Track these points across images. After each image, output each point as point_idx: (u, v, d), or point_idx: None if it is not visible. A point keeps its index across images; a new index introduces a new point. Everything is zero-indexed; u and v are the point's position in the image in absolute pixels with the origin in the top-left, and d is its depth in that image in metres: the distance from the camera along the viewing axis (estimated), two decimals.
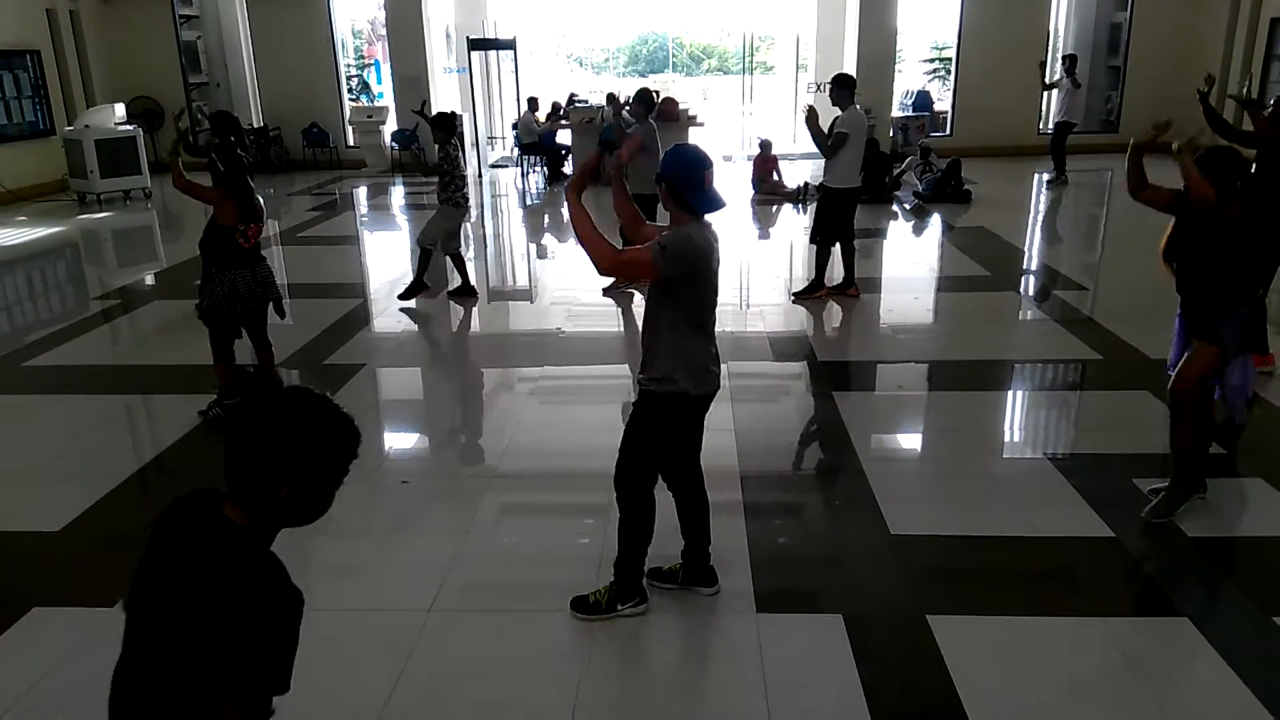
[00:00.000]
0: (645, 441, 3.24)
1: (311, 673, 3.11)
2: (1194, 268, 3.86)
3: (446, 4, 17.41)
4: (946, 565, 3.78)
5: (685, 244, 3.00)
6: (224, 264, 5.21)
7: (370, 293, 8.53)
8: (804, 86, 19.69)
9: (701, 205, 3.07)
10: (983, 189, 12.41)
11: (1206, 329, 3.82)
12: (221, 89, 17.75)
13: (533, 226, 12.64)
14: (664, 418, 3.22)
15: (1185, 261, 3.90)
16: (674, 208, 3.08)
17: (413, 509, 4.33)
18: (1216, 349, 3.80)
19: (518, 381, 6.13)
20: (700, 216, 3.09)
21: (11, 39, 13.56)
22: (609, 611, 3.34)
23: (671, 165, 3.07)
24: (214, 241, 5.21)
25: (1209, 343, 3.80)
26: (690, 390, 3.15)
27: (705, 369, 3.18)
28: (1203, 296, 3.85)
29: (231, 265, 5.20)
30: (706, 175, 3.06)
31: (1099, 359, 6.09)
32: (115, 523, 4.25)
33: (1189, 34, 15.09)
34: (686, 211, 3.07)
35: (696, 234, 3.05)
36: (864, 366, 6.33)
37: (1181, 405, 3.89)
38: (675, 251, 2.97)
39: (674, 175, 3.05)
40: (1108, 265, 9.27)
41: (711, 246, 3.10)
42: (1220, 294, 3.80)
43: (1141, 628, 3.37)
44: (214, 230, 5.19)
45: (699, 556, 3.46)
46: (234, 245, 5.18)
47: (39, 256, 10.49)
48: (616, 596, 3.35)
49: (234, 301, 5.21)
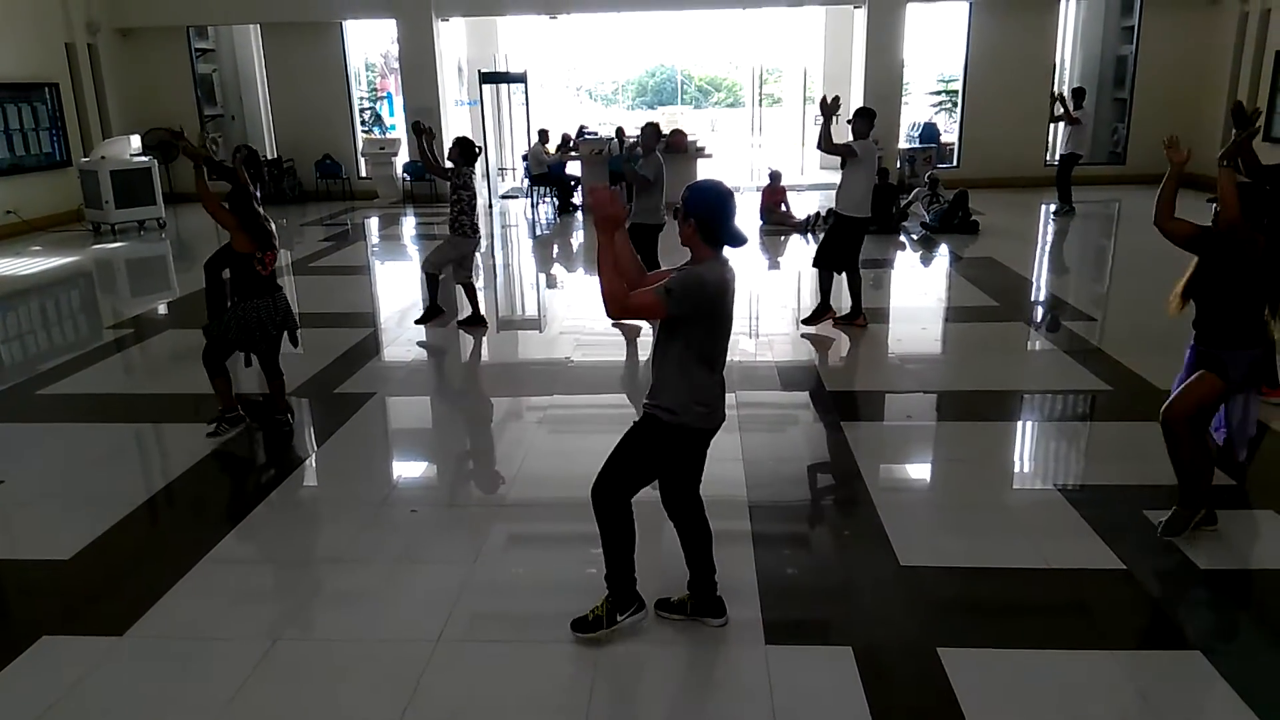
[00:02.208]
0: (636, 460, 3.26)
1: (319, 702, 3.12)
2: (1211, 302, 3.86)
3: (459, 38, 17.66)
4: (957, 597, 3.75)
5: (694, 284, 3.01)
6: (246, 293, 5.30)
7: (381, 322, 8.59)
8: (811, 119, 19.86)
9: (729, 240, 3.08)
10: (990, 220, 12.44)
11: (1214, 362, 3.83)
12: (236, 121, 18.02)
13: (542, 257, 12.72)
14: (663, 444, 3.23)
15: (1203, 296, 3.90)
16: (698, 243, 3.08)
17: (421, 538, 4.33)
18: (1219, 383, 3.80)
19: (527, 410, 6.14)
20: (721, 251, 3.10)
21: (31, 72, 13.81)
22: (610, 625, 3.34)
23: (701, 201, 3.05)
24: (234, 270, 5.31)
25: (1214, 375, 3.81)
26: (692, 424, 3.17)
27: (710, 404, 3.19)
28: (1216, 331, 3.85)
29: (253, 294, 5.31)
30: (732, 210, 3.09)
31: (1108, 390, 6.08)
32: (125, 551, 4.27)
33: (1195, 67, 15.18)
34: (713, 247, 3.08)
35: (710, 272, 3.06)
36: (873, 396, 6.32)
37: (1170, 430, 3.92)
38: (682, 293, 2.98)
39: (705, 210, 3.05)
40: (1116, 296, 9.26)
41: (726, 284, 3.11)
42: (1234, 329, 3.80)
43: (1153, 661, 3.33)
44: (233, 259, 5.29)
45: (705, 586, 3.45)
46: (254, 274, 5.27)
47: (53, 286, 10.59)
48: (614, 608, 3.35)
49: (254, 331, 5.30)
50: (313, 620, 3.69)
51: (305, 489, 5.07)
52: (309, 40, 16.30)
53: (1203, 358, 3.89)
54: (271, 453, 5.48)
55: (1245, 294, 3.80)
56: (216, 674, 3.27)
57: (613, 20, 22.48)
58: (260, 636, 3.49)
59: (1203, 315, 3.90)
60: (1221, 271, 3.81)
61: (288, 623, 3.65)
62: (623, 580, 3.35)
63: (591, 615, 3.36)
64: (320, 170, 16.76)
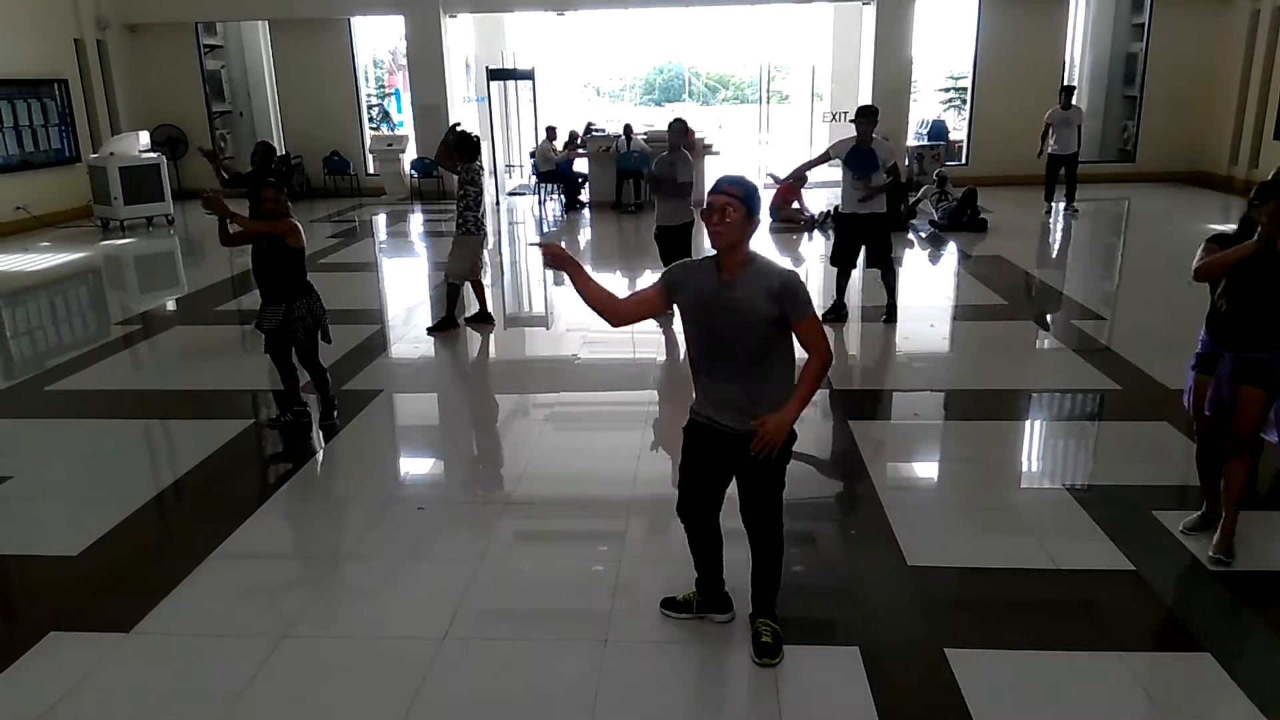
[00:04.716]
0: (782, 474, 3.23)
1: (325, 699, 3.13)
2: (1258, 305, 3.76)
3: (466, 34, 17.66)
4: (964, 597, 3.74)
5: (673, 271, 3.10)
6: (300, 290, 5.39)
7: (389, 319, 8.59)
8: (819, 116, 19.81)
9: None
10: (998, 218, 12.39)
11: (1259, 371, 3.76)
12: (244, 118, 18.06)
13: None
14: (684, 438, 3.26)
15: (1247, 299, 3.78)
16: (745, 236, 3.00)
17: (428, 535, 4.33)
18: (1264, 392, 3.77)
19: (533, 408, 6.14)
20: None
21: (40, 68, 13.86)
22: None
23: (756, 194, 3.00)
24: (292, 268, 5.34)
25: (1256, 386, 3.76)
26: (693, 416, 3.20)
27: (712, 406, 3.12)
28: (1263, 334, 3.77)
29: (307, 292, 5.43)
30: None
31: (1117, 389, 6.05)
32: (133, 548, 4.29)
33: (1205, 64, 15.11)
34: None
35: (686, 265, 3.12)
36: (880, 395, 6.31)
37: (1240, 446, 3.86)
38: (805, 290, 2.99)
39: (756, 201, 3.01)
40: (1125, 294, 9.22)
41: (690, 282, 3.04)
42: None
43: (1163, 663, 3.32)
44: (288, 255, 5.29)
45: (713, 584, 3.44)
46: (304, 271, 5.39)
47: (62, 282, 10.64)
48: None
49: (315, 328, 5.44)
50: (319, 617, 3.69)
51: (312, 486, 5.07)
52: (317, 36, 16.32)
53: (1244, 367, 3.80)
54: (279, 449, 5.49)
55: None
56: (223, 671, 3.27)
57: (620, 17, 22.51)
58: (267, 633, 3.50)
59: (1244, 320, 3.80)
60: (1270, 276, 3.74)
61: (294, 619, 3.65)
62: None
63: (767, 636, 3.31)
64: (328, 167, 16.78)
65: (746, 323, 2.95)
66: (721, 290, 2.97)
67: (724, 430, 3.10)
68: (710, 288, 2.99)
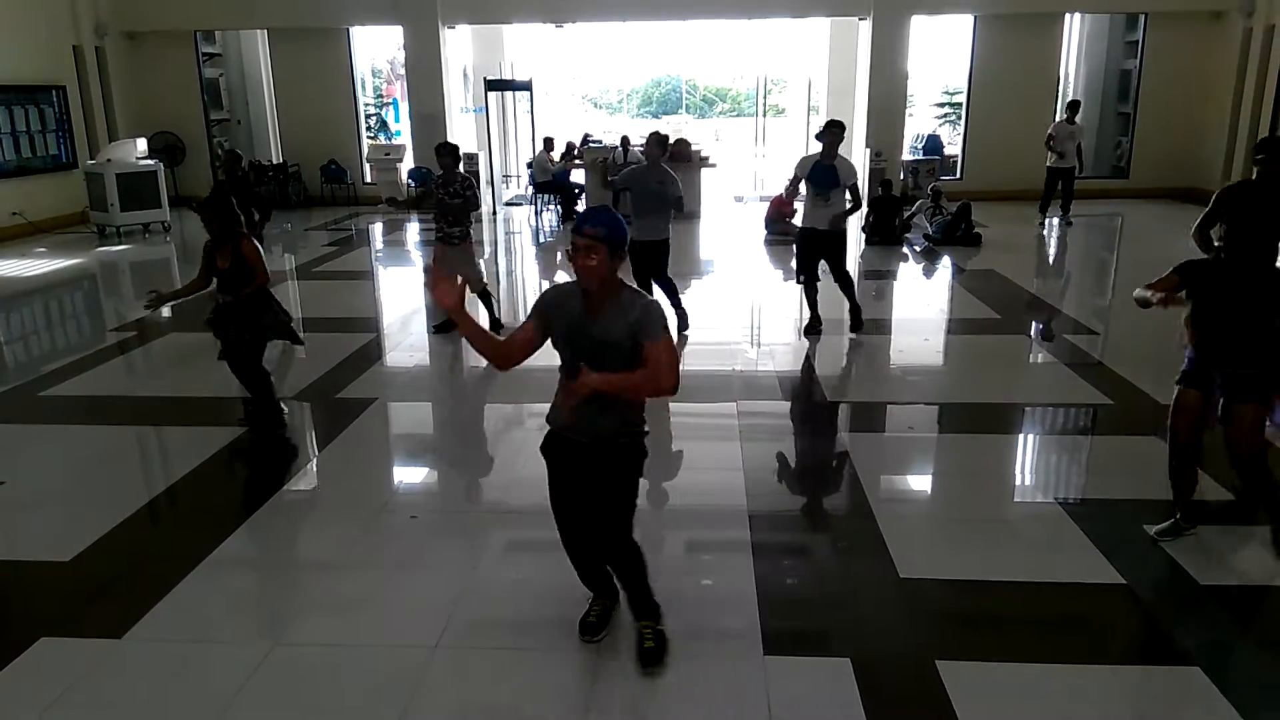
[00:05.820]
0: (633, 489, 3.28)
1: (317, 707, 3.12)
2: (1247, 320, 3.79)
3: (465, 45, 17.73)
4: (956, 610, 3.75)
5: (546, 296, 3.12)
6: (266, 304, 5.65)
7: (384, 327, 8.60)
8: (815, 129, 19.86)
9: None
10: (993, 232, 12.45)
11: (1250, 386, 3.79)
12: (242, 126, 18.09)
13: (545, 263, 12.73)
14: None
15: (1227, 317, 3.82)
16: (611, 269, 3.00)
17: (421, 544, 4.33)
18: (1260, 405, 3.79)
19: (528, 417, 6.14)
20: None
21: (38, 75, 13.88)
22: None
23: (619, 232, 2.98)
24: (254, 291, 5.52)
25: (1251, 402, 3.79)
26: (549, 427, 3.23)
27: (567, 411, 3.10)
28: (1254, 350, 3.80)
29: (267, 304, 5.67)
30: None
31: (1109, 404, 6.07)
32: (125, 554, 4.28)
33: (1199, 82, 15.21)
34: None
35: (560, 290, 3.12)
36: (874, 407, 6.32)
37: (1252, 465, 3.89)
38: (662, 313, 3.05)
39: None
40: (1118, 309, 9.26)
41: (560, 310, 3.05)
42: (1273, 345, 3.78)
43: (1152, 677, 3.33)
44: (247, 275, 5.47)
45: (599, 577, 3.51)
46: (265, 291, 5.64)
47: (57, 288, 10.63)
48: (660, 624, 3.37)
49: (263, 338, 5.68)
50: (312, 625, 3.69)
51: (306, 493, 5.07)
52: (316, 46, 16.36)
53: (1234, 383, 3.82)
54: (272, 457, 5.49)
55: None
56: (215, 678, 3.27)
57: (618, 30, 22.59)
58: (259, 640, 3.49)
59: (1228, 336, 3.83)
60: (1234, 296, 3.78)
61: (286, 627, 3.65)
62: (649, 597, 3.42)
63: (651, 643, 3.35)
64: (325, 175, 16.80)
65: (609, 354, 2.97)
66: (586, 322, 3.00)
67: (574, 441, 3.13)
68: (576, 317, 3.02)
